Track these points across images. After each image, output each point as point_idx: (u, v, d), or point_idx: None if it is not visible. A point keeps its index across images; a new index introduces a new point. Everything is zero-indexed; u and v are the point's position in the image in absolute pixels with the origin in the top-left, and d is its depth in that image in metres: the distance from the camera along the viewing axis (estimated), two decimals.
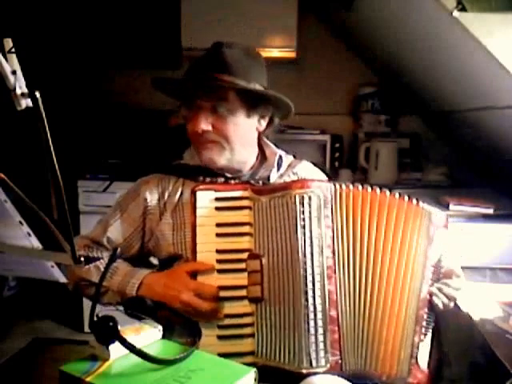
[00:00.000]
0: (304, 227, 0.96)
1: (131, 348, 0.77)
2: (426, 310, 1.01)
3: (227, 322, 0.98)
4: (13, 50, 0.70)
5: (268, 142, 1.27)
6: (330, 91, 3.07)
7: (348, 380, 0.93)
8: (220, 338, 0.97)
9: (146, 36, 3.02)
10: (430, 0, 1.51)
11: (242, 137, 1.14)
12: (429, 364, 1.01)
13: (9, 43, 0.70)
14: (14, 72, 0.69)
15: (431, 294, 1.02)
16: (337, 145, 2.93)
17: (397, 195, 1.04)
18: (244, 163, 1.19)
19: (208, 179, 1.16)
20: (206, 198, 1.03)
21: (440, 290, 1.03)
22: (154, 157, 1.30)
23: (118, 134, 2.90)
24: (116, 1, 3.00)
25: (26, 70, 0.71)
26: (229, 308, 0.98)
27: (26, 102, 0.69)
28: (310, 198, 0.97)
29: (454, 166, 2.77)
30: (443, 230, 1.05)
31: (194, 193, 1.03)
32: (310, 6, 2.85)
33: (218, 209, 1.02)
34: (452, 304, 1.05)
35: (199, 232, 1.01)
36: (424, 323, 1.01)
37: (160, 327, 0.88)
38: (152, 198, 1.17)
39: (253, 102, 1.14)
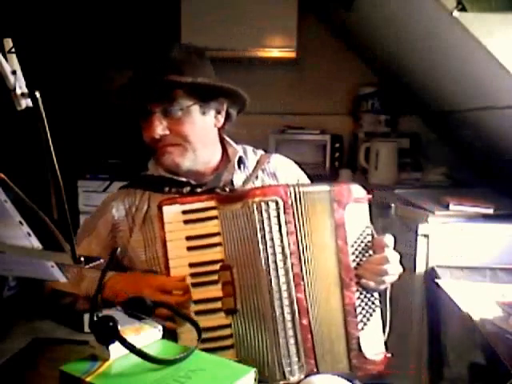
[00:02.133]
0: (264, 236, 0.94)
1: (131, 348, 0.77)
2: (358, 296, 0.98)
3: (206, 335, 0.94)
4: (13, 50, 0.70)
5: (230, 141, 1.24)
6: (330, 91, 3.07)
7: (348, 380, 0.93)
8: (201, 351, 0.94)
9: (146, 36, 3.02)
10: (429, 0, 1.51)
11: (201, 135, 1.13)
12: (386, 344, 0.99)
13: (9, 43, 0.70)
14: (14, 72, 0.69)
15: (359, 278, 0.98)
16: (337, 145, 2.93)
17: (321, 187, 0.99)
18: (208, 163, 1.18)
19: (174, 189, 1.14)
20: (172, 212, 1.00)
21: (365, 269, 0.98)
22: (134, 173, 1.28)
23: (118, 134, 2.90)
24: (116, 1, 3.00)
25: (25, 70, 0.71)
26: (206, 321, 0.96)
27: (26, 102, 0.68)
28: (267, 205, 0.95)
29: (454, 166, 2.77)
30: (355, 205, 0.99)
31: (160, 208, 1.00)
32: (309, 6, 2.85)
33: (186, 222, 1.00)
34: (388, 278, 1.00)
35: (170, 247, 0.99)
36: (359, 310, 0.97)
37: (160, 327, 0.88)
38: (119, 214, 1.16)
39: (205, 98, 1.11)
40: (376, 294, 1.00)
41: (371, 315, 0.98)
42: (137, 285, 1.01)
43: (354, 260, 0.99)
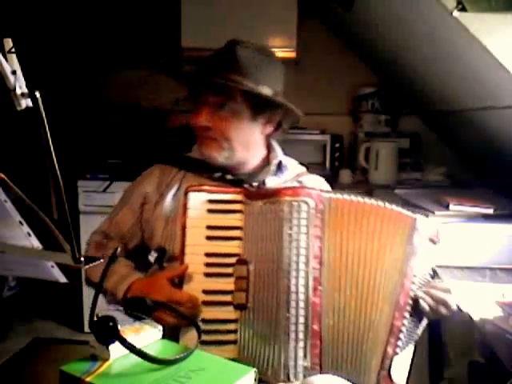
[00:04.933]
0: (291, 236, 0.94)
1: (131, 348, 0.77)
2: (406, 322, 0.96)
3: (211, 327, 0.95)
4: (13, 50, 0.70)
5: (276, 147, 1.25)
6: (330, 91, 3.07)
7: (348, 380, 0.93)
8: (203, 343, 0.93)
9: (146, 36, 3.02)
10: (430, 0, 1.51)
11: (243, 139, 1.14)
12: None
13: (9, 43, 0.70)
14: (14, 72, 0.69)
15: (416, 300, 0.96)
16: (337, 145, 2.93)
17: (387, 205, 0.98)
18: (245, 163, 1.19)
19: (206, 174, 1.16)
20: (198, 199, 1.01)
21: (427, 292, 0.98)
22: (153, 157, 1.30)
23: (118, 134, 2.90)
24: (116, 1, 3.00)
25: (25, 69, 0.71)
26: (213, 313, 0.96)
27: (26, 102, 0.69)
28: (299, 206, 0.95)
29: (453, 166, 2.77)
30: (430, 244, 1.00)
31: (186, 193, 1.01)
32: (310, 6, 2.85)
33: (209, 211, 1.00)
34: (443, 309, 0.99)
35: (189, 233, 0.99)
36: (402, 335, 0.95)
37: (160, 327, 0.88)
38: (151, 188, 1.18)
39: (260, 106, 1.11)
40: (420, 329, 1.00)
41: (407, 345, 0.97)
42: (150, 293, 0.99)
43: (412, 289, 0.97)
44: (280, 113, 1.15)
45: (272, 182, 1.19)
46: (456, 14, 1.39)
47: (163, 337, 0.88)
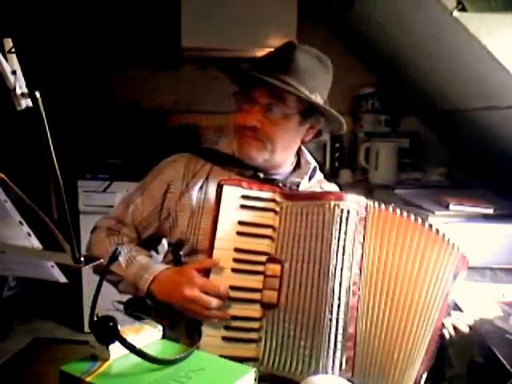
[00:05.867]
0: (338, 239, 0.94)
1: (131, 348, 0.77)
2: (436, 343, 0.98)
3: (235, 324, 0.95)
4: (13, 50, 0.70)
5: (305, 151, 1.26)
6: (330, 91, 3.06)
7: (349, 380, 0.92)
8: (225, 339, 0.94)
9: (146, 36, 3.02)
10: (430, 0, 1.51)
11: (287, 141, 1.14)
12: None
13: (9, 43, 0.70)
14: (14, 72, 0.69)
15: (443, 326, 0.99)
16: (337, 145, 2.93)
17: (428, 226, 0.99)
18: (279, 167, 1.19)
19: (237, 169, 1.16)
20: (232, 194, 0.99)
21: (452, 324, 1.01)
22: (154, 157, 1.29)
23: (118, 134, 2.90)
24: (116, 1, 3.00)
25: (25, 69, 0.71)
26: (238, 310, 0.95)
27: (26, 102, 0.69)
28: (348, 212, 0.95)
29: (454, 166, 2.77)
30: (464, 272, 1.03)
31: (220, 186, 0.99)
32: (310, 6, 2.85)
33: (242, 207, 0.99)
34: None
35: (220, 227, 0.97)
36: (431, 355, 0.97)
37: (160, 327, 0.88)
38: (176, 177, 1.17)
39: (308, 112, 1.12)
40: None
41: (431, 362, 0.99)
42: (180, 283, 0.98)
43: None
44: (324, 120, 1.17)
45: (304, 185, 1.19)
46: (456, 13, 1.39)
47: (163, 337, 0.88)
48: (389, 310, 0.95)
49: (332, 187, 1.27)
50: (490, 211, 1.72)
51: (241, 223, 0.98)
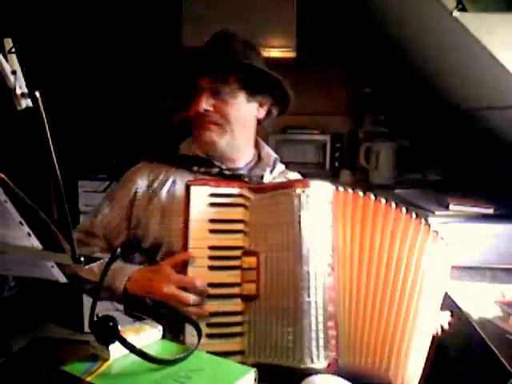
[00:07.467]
0: (307, 224, 0.96)
1: (131, 348, 0.77)
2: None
3: (217, 320, 0.95)
4: (13, 50, 0.70)
5: (264, 144, 1.31)
6: (330, 91, 3.07)
7: (349, 380, 0.93)
8: (209, 336, 0.94)
9: (147, 36, 3.02)
10: (429, 0, 1.51)
11: (241, 119, 1.19)
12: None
13: (9, 43, 0.70)
14: (14, 72, 0.69)
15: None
16: (337, 145, 2.94)
17: (395, 205, 1.01)
18: (240, 152, 1.23)
19: (202, 169, 1.19)
20: (200, 193, 1.01)
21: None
22: (164, 149, 1.31)
23: (118, 134, 2.90)
24: (116, 0, 3.00)
25: (25, 70, 0.71)
26: (219, 306, 0.96)
27: (26, 102, 0.69)
28: (314, 196, 0.97)
29: (454, 165, 2.77)
30: (437, 246, 1.03)
31: (188, 187, 1.01)
32: (309, 5, 2.85)
33: (212, 205, 1.01)
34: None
35: (192, 227, 0.99)
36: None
37: (160, 327, 0.88)
38: (142, 184, 1.20)
39: (252, 89, 1.18)
40: None
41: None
42: (156, 281, 1.00)
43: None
44: (270, 97, 1.22)
45: (267, 178, 1.23)
46: (456, 13, 1.39)
47: (163, 337, 0.88)
48: (366, 287, 0.96)
49: (296, 176, 1.32)
50: (490, 211, 1.73)
51: (212, 221, 1.00)
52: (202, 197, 1.01)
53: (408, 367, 0.96)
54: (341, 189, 1.00)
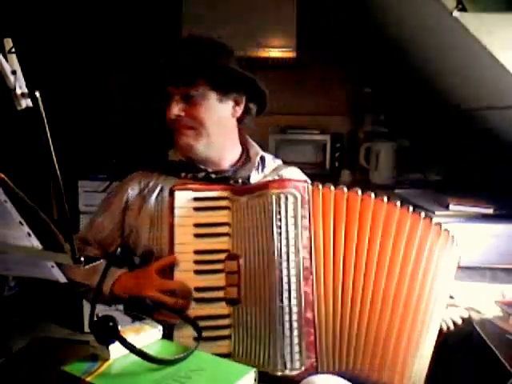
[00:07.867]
0: (280, 227, 0.95)
1: (131, 348, 0.77)
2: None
3: (204, 323, 0.95)
4: (13, 50, 0.70)
5: (253, 143, 1.29)
6: (330, 91, 3.07)
7: (349, 380, 0.92)
8: (197, 339, 0.93)
9: (147, 36, 3.02)
10: (429, 0, 1.51)
11: (216, 121, 1.17)
12: None
13: (9, 43, 0.70)
14: (14, 72, 0.69)
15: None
16: (337, 145, 2.93)
17: (375, 197, 1.00)
18: (223, 153, 1.21)
19: (190, 175, 1.18)
20: (184, 198, 1.02)
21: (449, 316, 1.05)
22: (154, 157, 1.31)
23: (118, 134, 2.90)
24: (117, 1, 3.00)
25: (26, 70, 0.71)
26: (206, 309, 0.97)
27: (26, 102, 0.69)
28: (286, 198, 0.96)
29: (453, 166, 2.77)
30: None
31: (172, 192, 1.02)
32: (309, 5, 2.85)
33: (196, 209, 1.01)
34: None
35: (177, 232, 1.00)
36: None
37: (160, 327, 0.88)
38: (133, 193, 1.21)
39: (224, 88, 1.16)
40: None
41: None
42: (140, 285, 1.02)
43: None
44: (244, 94, 1.20)
45: (255, 178, 1.22)
46: (456, 13, 1.39)
47: (163, 337, 0.88)
48: (351, 290, 0.94)
49: (291, 171, 1.30)
50: (490, 211, 1.72)
51: (197, 225, 1.00)
52: (186, 202, 1.02)
53: (410, 369, 0.96)
54: (319, 187, 0.99)
